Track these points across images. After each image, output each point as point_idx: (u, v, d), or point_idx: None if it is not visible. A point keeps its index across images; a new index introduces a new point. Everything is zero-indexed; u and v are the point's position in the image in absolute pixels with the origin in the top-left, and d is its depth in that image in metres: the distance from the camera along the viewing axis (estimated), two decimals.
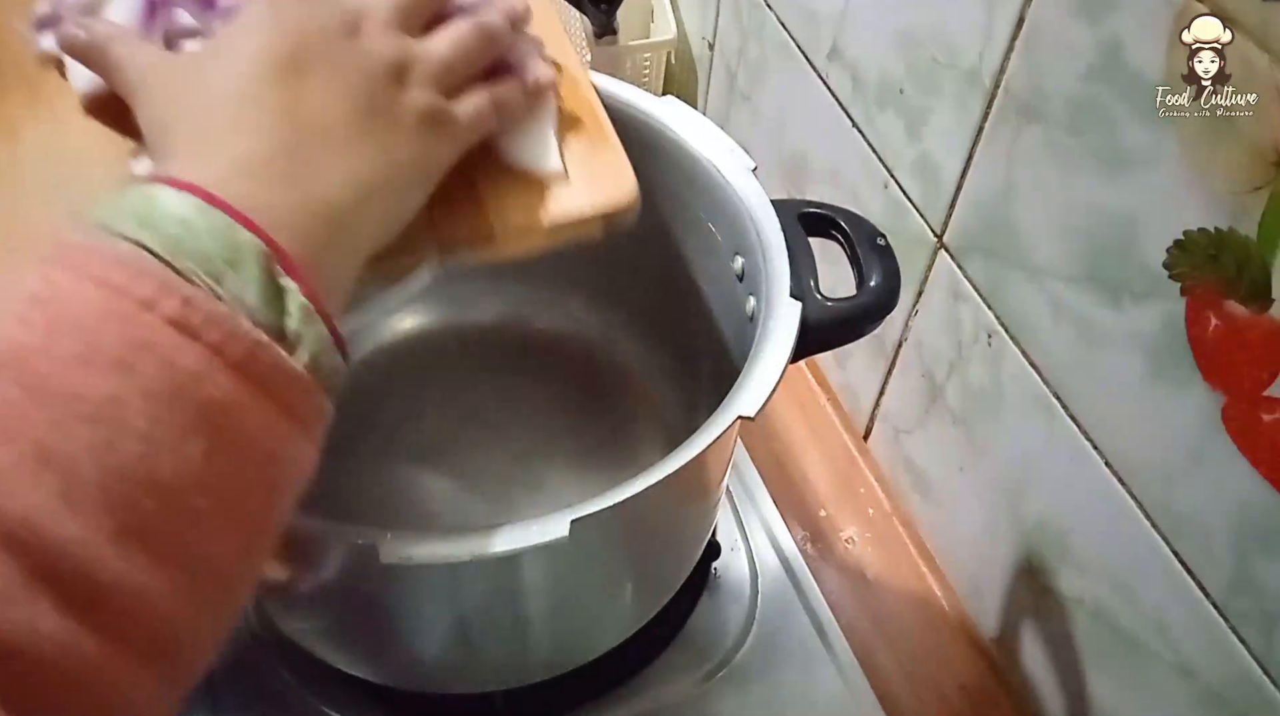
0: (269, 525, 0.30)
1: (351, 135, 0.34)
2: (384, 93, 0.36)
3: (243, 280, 0.29)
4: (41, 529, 0.24)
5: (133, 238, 0.28)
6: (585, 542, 0.41)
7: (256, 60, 0.34)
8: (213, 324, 0.27)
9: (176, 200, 0.29)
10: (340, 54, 0.35)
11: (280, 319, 0.29)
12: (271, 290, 0.29)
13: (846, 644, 0.64)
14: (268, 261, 0.29)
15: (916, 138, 0.61)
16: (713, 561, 0.66)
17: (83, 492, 0.25)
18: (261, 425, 0.29)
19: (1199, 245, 0.43)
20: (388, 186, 0.35)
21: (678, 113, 0.56)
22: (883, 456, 0.74)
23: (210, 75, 0.34)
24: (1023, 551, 0.61)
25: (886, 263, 0.50)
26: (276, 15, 0.36)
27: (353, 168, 0.34)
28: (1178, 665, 0.51)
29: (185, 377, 0.27)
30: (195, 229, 0.29)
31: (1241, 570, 0.46)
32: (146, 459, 0.26)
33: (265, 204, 0.31)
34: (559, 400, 0.68)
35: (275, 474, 0.30)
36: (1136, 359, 0.48)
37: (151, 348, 0.27)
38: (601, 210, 0.44)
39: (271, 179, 0.32)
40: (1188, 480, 0.47)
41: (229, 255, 0.29)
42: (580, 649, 0.56)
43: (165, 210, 0.29)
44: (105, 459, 0.25)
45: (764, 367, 0.45)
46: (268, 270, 0.29)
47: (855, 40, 0.65)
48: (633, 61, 0.90)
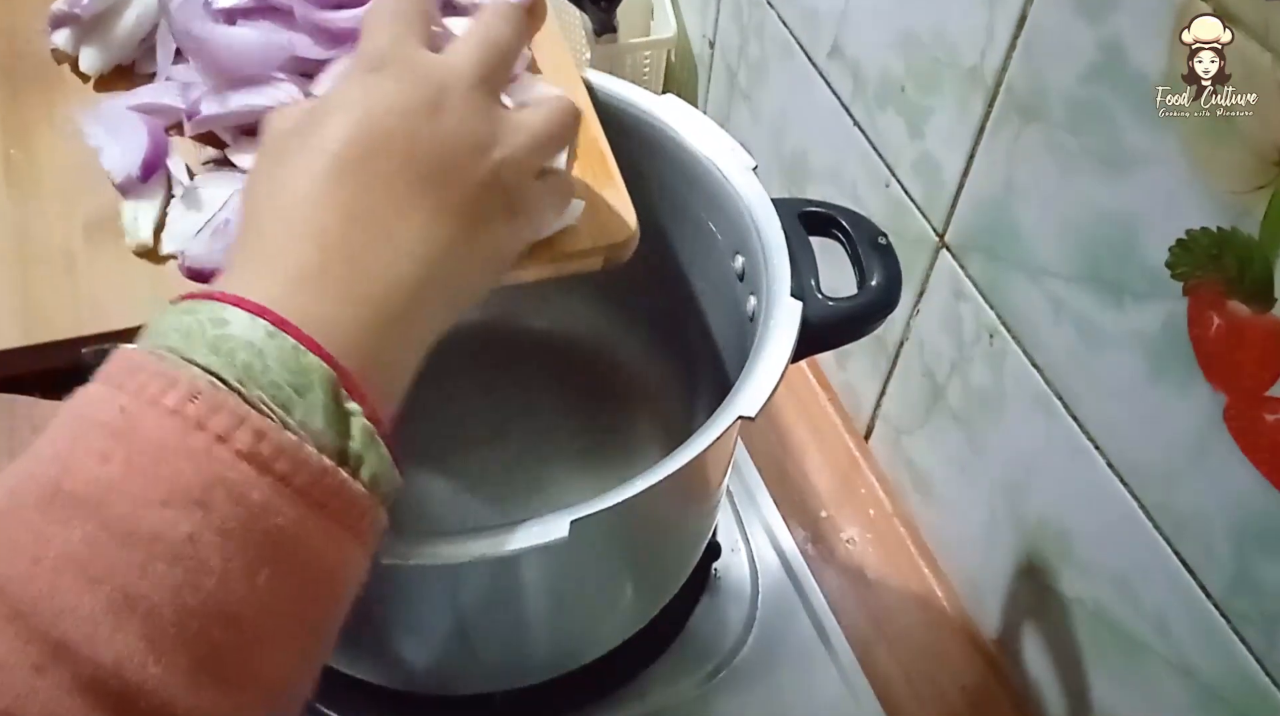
0: (330, 632, 0.31)
1: (417, 224, 0.33)
2: (462, 175, 0.34)
3: (310, 407, 0.29)
4: (126, 675, 0.25)
5: (204, 364, 0.29)
6: (585, 543, 0.41)
7: (329, 153, 0.33)
8: (282, 454, 0.28)
9: (248, 325, 0.29)
10: (418, 138, 0.33)
11: (344, 441, 0.30)
12: (336, 414, 0.30)
13: (846, 644, 0.64)
14: (333, 385, 0.30)
15: (918, 137, 0.61)
16: (713, 562, 0.66)
17: (162, 634, 0.26)
18: (325, 547, 0.29)
19: (1201, 245, 0.43)
20: (455, 282, 0.34)
21: (678, 111, 0.56)
22: (884, 456, 0.74)
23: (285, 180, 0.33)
24: (1023, 551, 0.61)
25: (887, 262, 0.50)
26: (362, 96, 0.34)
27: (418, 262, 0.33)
28: (1178, 665, 0.51)
29: (256, 510, 0.28)
30: (265, 356, 0.29)
31: (1242, 570, 0.45)
32: (219, 593, 0.27)
33: (330, 318, 0.31)
34: (558, 400, 0.68)
35: (336, 588, 0.30)
36: (1138, 358, 0.48)
37: (225, 483, 0.27)
38: (603, 245, 0.45)
39: (333, 290, 0.31)
40: (1189, 480, 0.47)
41: (297, 381, 0.29)
42: (580, 649, 0.56)
43: (236, 336, 0.29)
44: (183, 598, 0.26)
45: (764, 367, 0.45)
46: (333, 394, 0.30)
47: (856, 39, 0.65)
48: (633, 60, 0.90)
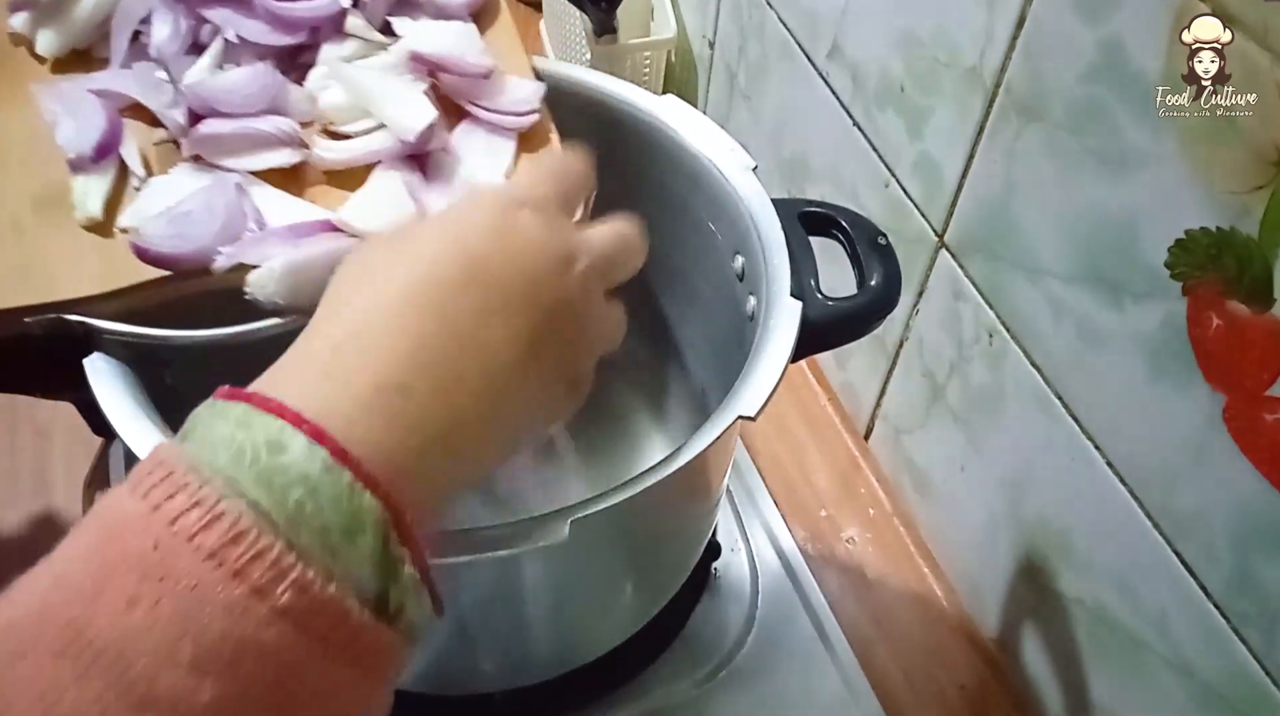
0: None
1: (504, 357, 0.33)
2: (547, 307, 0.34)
3: (358, 554, 0.28)
4: None
5: (251, 497, 0.27)
6: (585, 543, 0.41)
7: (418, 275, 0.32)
8: (322, 612, 0.27)
9: (305, 455, 0.28)
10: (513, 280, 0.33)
11: (387, 589, 0.29)
12: (384, 561, 0.29)
13: (846, 644, 0.64)
14: (385, 529, 0.29)
15: (917, 137, 0.61)
16: (713, 561, 0.66)
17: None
18: (350, 696, 0.29)
19: (1200, 245, 0.43)
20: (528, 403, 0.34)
21: (678, 112, 0.56)
22: (883, 456, 0.74)
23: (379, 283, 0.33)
24: (1023, 551, 0.61)
25: (887, 262, 0.50)
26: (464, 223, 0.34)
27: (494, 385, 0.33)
28: (1178, 664, 0.51)
29: (285, 672, 0.27)
30: (319, 494, 0.28)
31: (1242, 570, 0.45)
32: None
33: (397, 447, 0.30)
34: None
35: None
36: (1138, 359, 0.48)
37: (258, 645, 0.26)
38: None
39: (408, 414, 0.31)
40: (1189, 480, 0.47)
41: (348, 524, 0.28)
42: (580, 649, 0.56)
43: (292, 468, 0.28)
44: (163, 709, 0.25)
45: (764, 367, 0.45)
46: (383, 539, 0.29)
47: (856, 39, 0.65)
48: (633, 60, 0.90)
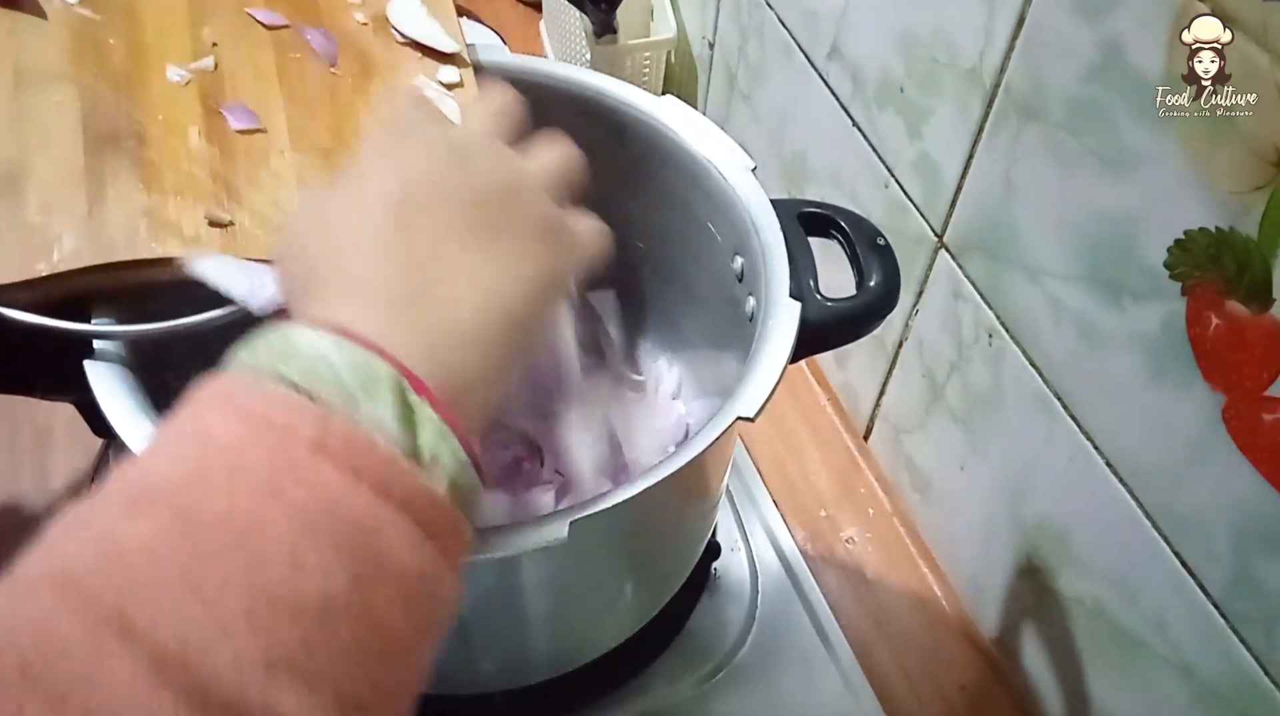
0: (414, 659, 0.30)
1: (473, 261, 0.35)
2: (499, 212, 0.36)
3: (378, 404, 0.29)
4: (191, 656, 0.24)
5: (272, 370, 0.29)
6: (585, 543, 0.41)
7: (375, 206, 0.35)
8: (352, 447, 0.28)
9: (312, 338, 0.30)
10: (450, 184, 0.36)
11: (415, 440, 0.30)
12: (405, 411, 0.30)
13: (846, 644, 0.64)
14: (401, 385, 0.30)
15: (917, 137, 0.61)
16: (713, 561, 0.66)
17: (233, 619, 0.25)
18: (400, 544, 0.29)
19: (1200, 245, 0.43)
20: (516, 304, 0.35)
21: (677, 112, 0.56)
22: (883, 456, 0.74)
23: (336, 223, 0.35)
24: (1023, 551, 0.61)
25: (886, 262, 0.50)
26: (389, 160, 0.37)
27: (479, 292, 0.34)
28: (1178, 665, 0.51)
29: (327, 500, 0.28)
30: (330, 360, 0.30)
31: (1242, 570, 0.45)
32: (292, 583, 0.26)
33: (398, 339, 0.32)
34: None
35: (417, 598, 0.29)
36: (1137, 359, 0.48)
37: (294, 472, 0.28)
38: None
39: (397, 315, 0.33)
40: (1188, 480, 0.47)
41: (364, 383, 0.30)
42: (580, 649, 0.56)
43: (302, 346, 0.30)
44: (252, 582, 0.26)
45: (764, 368, 0.45)
46: (400, 393, 0.30)
47: (856, 39, 0.65)
48: (632, 61, 0.90)
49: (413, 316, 0.33)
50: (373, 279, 0.33)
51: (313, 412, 0.29)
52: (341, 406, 0.29)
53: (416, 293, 0.33)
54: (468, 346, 0.33)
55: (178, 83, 0.50)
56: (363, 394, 0.29)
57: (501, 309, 0.35)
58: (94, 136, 0.47)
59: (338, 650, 0.27)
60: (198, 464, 0.28)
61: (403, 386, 0.30)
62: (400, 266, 0.34)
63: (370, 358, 0.30)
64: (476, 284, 0.34)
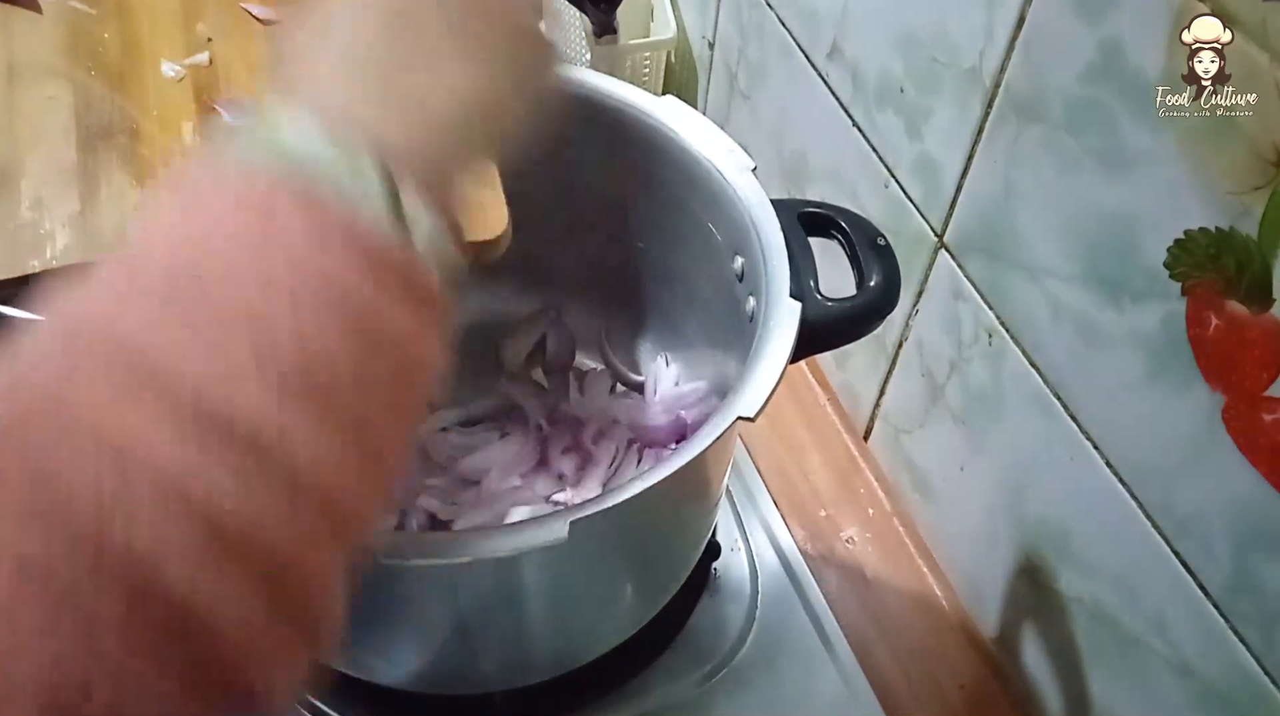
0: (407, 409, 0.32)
1: (454, 54, 0.36)
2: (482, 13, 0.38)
3: (362, 182, 0.31)
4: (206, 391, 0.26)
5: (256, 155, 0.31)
6: (585, 543, 0.41)
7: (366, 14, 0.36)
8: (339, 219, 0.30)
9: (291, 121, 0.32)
10: None
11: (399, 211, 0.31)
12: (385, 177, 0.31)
13: (846, 644, 0.64)
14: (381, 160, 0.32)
15: (917, 137, 0.61)
16: (713, 561, 0.66)
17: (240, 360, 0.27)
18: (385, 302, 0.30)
19: (1199, 245, 0.43)
20: (488, 98, 0.37)
21: (677, 112, 0.56)
22: (883, 456, 0.74)
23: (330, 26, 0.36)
24: (1023, 551, 0.61)
25: (886, 263, 0.50)
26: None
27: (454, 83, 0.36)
28: (1178, 664, 0.51)
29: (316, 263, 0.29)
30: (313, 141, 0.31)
31: (1242, 570, 0.46)
32: (294, 333, 0.28)
33: (376, 119, 0.33)
34: None
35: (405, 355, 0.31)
36: (1137, 359, 0.48)
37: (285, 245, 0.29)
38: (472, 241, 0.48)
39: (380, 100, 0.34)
40: (1188, 480, 0.47)
41: (350, 165, 0.31)
42: (580, 649, 0.56)
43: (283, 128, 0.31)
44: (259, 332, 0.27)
45: (764, 368, 0.45)
46: (384, 169, 0.31)
47: (856, 39, 0.65)
48: (632, 61, 0.90)
49: (394, 104, 0.34)
50: (357, 59, 0.35)
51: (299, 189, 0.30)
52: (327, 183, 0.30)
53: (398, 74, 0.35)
54: (442, 130, 0.35)
55: (172, 78, 0.50)
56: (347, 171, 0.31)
57: (476, 101, 0.36)
58: (87, 132, 0.47)
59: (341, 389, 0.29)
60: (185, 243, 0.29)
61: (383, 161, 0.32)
62: (384, 49, 0.35)
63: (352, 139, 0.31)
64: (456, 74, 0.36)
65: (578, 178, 0.60)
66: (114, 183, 0.47)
